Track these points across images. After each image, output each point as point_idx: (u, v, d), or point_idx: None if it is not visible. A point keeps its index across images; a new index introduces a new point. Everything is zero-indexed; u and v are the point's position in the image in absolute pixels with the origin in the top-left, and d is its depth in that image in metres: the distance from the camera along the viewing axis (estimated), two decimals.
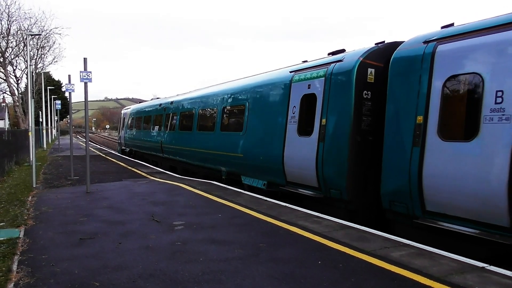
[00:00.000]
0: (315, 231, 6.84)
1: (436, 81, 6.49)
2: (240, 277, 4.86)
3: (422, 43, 6.91)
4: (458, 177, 6.01)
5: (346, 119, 8.16)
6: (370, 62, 8.20)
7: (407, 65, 7.04)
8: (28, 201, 10.07)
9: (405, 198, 6.90)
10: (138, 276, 4.95)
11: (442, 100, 6.37)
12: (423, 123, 6.60)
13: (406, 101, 6.96)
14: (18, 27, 35.23)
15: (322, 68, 9.04)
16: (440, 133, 6.36)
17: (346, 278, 4.79)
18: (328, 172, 8.53)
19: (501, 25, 5.77)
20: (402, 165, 6.89)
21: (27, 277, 4.96)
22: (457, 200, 6.06)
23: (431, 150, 6.43)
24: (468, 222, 5.98)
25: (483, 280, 4.64)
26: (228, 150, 12.62)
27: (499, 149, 5.53)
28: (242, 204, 9.14)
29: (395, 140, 7.13)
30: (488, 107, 5.69)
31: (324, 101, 8.77)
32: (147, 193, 10.94)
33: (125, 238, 6.60)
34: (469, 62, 6.09)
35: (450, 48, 6.41)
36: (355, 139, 8.08)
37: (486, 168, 5.66)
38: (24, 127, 34.01)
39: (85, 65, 11.29)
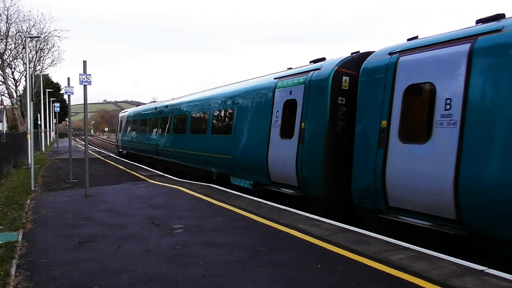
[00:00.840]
0: (315, 234, 6.84)
1: (398, 89, 7.14)
2: (240, 281, 4.85)
3: (387, 54, 7.57)
4: (414, 175, 6.64)
5: (322, 123, 8.76)
6: (344, 70, 8.82)
7: (374, 74, 7.70)
8: (27, 204, 10.04)
9: (372, 195, 7.52)
10: (137, 279, 4.94)
11: (402, 106, 7.04)
12: (386, 127, 7.25)
13: (372, 107, 7.62)
14: (17, 29, 35.30)
15: (303, 76, 9.67)
16: (400, 136, 7.00)
17: (346, 282, 4.78)
18: (306, 172, 9.11)
19: (448, 41, 6.53)
20: (369, 165, 7.51)
21: (26, 281, 4.94)
22: (414, 196, 6.69)
23: (393, 151, 7.08)
24: (424, 216, 6.62)
25: (482, 283, 4.64)
26: (218, 152, 13.22)
27: (447, 150, 6.16)
28: (242, 208, 9.13)
29: (363, 142, 7.76)
30: (439, 113, 6.34)
31: (303, 106, 9.37)
32: (147, 196, 10.92)
33: (125, 242, 6.58)
34: (424, 72, 6.76)
35: (409, 59, 7.06)
36: (331, 141, 8.69)
37: (437, 167, 6.29)
38: (23, 129, 33.97)
39: (84, 67, 11.29)
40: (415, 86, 7.03)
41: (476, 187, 5.74)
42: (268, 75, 11.90)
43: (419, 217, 6.69)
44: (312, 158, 8.96)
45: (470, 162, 5.84)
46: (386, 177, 7.14)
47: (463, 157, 5.93)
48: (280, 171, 10.02)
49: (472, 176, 5.79)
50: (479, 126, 5.81)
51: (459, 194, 5.94)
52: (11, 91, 36.48)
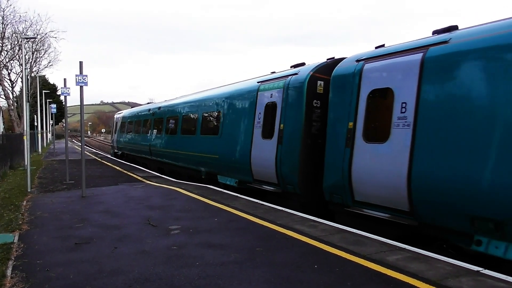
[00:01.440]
0: (312, 235, 6.85)
1: (363, 94, 7.82)
2: (237, 281, 4.86)
3: (355, 61, 8.24)
4: (375, 172, 7.30)
5: (299, 124, 9.39)
6: (319, 75, 9.45)
7: (343, 79, 8.38)
8: (23, 206, 10.01)
9: (340, 190, 8.18)
10: (134, 280, 4.94)
11: (366, 109, 7.73)
12: (352, 128, 7.93)
13: (341, 109, 8.29)
14: (13, 30, 35.20)
15: (282, 80, 10.30)
16: (364, 136, 7.69)
17: (342, 282, 4.79)
18: (284, 170, 9.74)
19: (405, 50, 7.21)
20: (338, 163, 8.17)
21: (22, 283, 4.93)
22: (376, 191, 7.37)
23: (358, 150, 7.76)
24: (384, 209, 7.28)
25: (478, 284, 4.66)
26: (207, 152, 13.87)
27: (402, 149, 6.83)
28: (239, 208, 9.14)
29: (333, 142, 8.43)
30: (396, 116, 7.01)
31: (282, 109, 10.02)
32: (143, 197, 10.91)
33: (121, 243, 6.58)
34: (385, 79, 7.43)
35: (373, 67, 7.74)
36: (306, 142, 9.32)
37: (394, 164, 6.95)
38: (19, 131, 33.85)
39: (80, 68, 11.28)
40: (377, 91, 7.69)
41: (424, 182, 6.43)
42: (252, 79, 12.51)
43: (380, 210, 7.35)
44: (289, 157, 9.58)
45: (420, 160, 6.52)
46: (352, 174, 7.80)
47: (414, 155, 6.61)
48: (262, 170, 10.63)
49: (421, 172, 6.48)
50: (427, 128, 6.48)
51: (411, 189, 6.62)
52: (8, 92, 36.38)
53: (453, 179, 6.00)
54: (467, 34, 6.47)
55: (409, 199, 6.67)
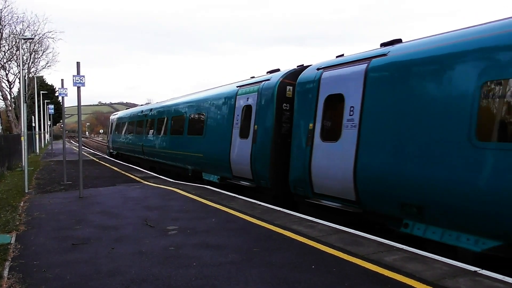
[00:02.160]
0: (309, 235, 6.85)
1: (321, 98, 8.81)
2: (234, 282, 4.85)
3: (316, 69, 9.17)
4: (330, 167, 8.30)
5: (270, 125, 10.35)
6: (288, 81, 10.31)
7: (305, 85, 9.34)
8: (20, 207, 9.99)
9: (302, 184, 9.14)
10: (131, 281, 4.93)
11: (323, 112, 8.73)
12: (312, 128, 8.89)
13: (303, 112, 9.26)
14: (10, 31, 35.14)
15: (257, 85, 11.25)
16: (321, 136, 8.67)
17: (340, 283, 4.79)
18: (258, 167, 10.70)
19: (355, 61, 8.20)
20: (301, 160, 9.13)
21: (18, 283, 4.91)
22: (330, 184, 8.35)
23: (316, 148, 8.75)
24: (336, 199, 8.27)
25: (475, 284, 4.67)
26: (193, 151, 14.91)
27: (350, 147, 7.76)
28: (236, 209, 9.13)
29: (297, 141, 9.38)
30: (346, 118, 7.99)
31: (256, 111, 10.98)
32: (141, 198, 10.90)
33: (118, 243, 6.57)
34: (338, 85, 8.41)
35: (329, 75, 8.72)
36: (276, 141, 10.23)
37: (343, 160, 7.90)
38: (17, 131, 33.78)
39: (78, 69, 11.27)
40: (332, 96, 8.60)
41: (366, 175, 7.43)
42: (232, 83, 13.45)
43: (334, 200, 8.36)
44: (261, 155, 10.54)
45: (363, 156, 7.51)
46: (312, 169, 8.79)
47: (359, 152, 7.60)
48: (239, 167, 11.61)
49: (363, 167, 7.47)
50: (368, 128, 7.53)
51: (356, 181, 7.60)
52: (5, 93, 36.28)
53: (387, 172, 7.05)
54: (401, 48, 7.51)
55: (355, 190, 7.68)
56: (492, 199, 5.48)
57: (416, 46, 7.19)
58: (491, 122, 5.80)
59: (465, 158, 5.85)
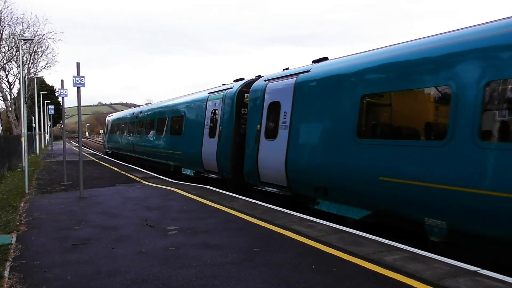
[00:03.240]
0: (309, 235, 6.85)
1: (265, 105, 10.75)
2: (234, 282, 4.85)
3: (264, 81, 11.14)
4: (270, 160, 10.24)
5: (230, 126, 12.32)
6: (246, 89, 12.13)
7: (255, 94, 11.29)
8: (21, 207, 9.99)
9: (252, 174, 11.07)
10: (131, 281, 4.93)
11: (266, 116, 10.68)
12: (259, 129, 10.84)
13: (253, 116, 11.24)
14: (10, 32, 35.13)
15: (222, 92, 13.21)
16: (265, 135, 10.63)
17: (339, 283, 4.80)
18: (221, 161, 12.65)
19: (289, 75, 10.15)
20: (251, 155, 11.05)
21: (19, 284, 4.92)
22: (271, 174, 10.27)
23: (261, 145, 10.68)
24: (276, 186, 10.19)
25: (475, 284, 4.67)
26: (174, 149, 16.83)
27: (283, 144, 9.75)
28: (236, 209, 9.14)
29: (249, 139, 11.31)
30: (281, 121, 9.97)
31: (221, 114, 12.93)
32: (141, 198, 10.90)
33: (119, 244, 6.57)
34: (277, 94, 10.40)
35: (271, 86, 10.70)
36: (236, 140, 12.19)
37: (279, 154, 9.83)
38: (17, 132, 33.76)
39: (78, 70, 11.27)
40: (273, 103, 10.49)
41: (293, 166, 9.43)
42: (205, 90, 15.37)
43: (274, 187, 10.28)
44: (224, 152, 12.46)
45: (291, 151, 9.51)
46: (258, 163, 10.71)
47: (288, 148, 9.57)
48: (208, 162, 13.51)
49: (291, 159, 9.47)
50: (294, 129, 9.50)
51: (287, 170, 9.54)
52: (5, 94, 36.23)
53: (305, 163, 9.05)
54: (319, 66, 9.37)
55: (286, 178, 9.64)
56: (364, 180, 7.44)
57: (327, 65, 9.23)
58: (366, 126, 7.94)
59: (350, 151, 7.82)
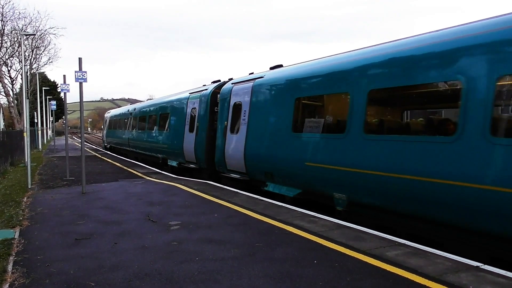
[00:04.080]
0: (311, 230, 6.86)
1: (231, 105, 12.69)
2: (236, 277, 4.87)
3: (231, 84, 13.14)
4: (234, 151, 12.09)
5: (205, 123, 14.36)
6: (219, 91, 14.05)
7: (224, 95, 13.33)
8: (24, 202, 10.03)
9: (221, 163, 13.02)
10: (133, 276, 4.95)
11: (231, 114, 12.59)
12: (226, 125, 12.74)
13: (222, 114, 13.27)
14: (12, 27, 35.10)
15: (199, 93, 15.24)
16: (230, 130, 12.48)
17: (341, 277, 4.80)
18: (198, 153, 14.65)
19: (249, 80, 12.10)
20: (220, 147, 12.97)
21: (23, 278, 4.94)
22: (234, 162, 12.12)
23: (228, 138, 12.57)
24: (238, 172, 12.11)
25: (477, 279, 4.67)
26: (161, 143, 18.90)
27: (243, 137, 11.61)
28: (239, 204, 9.15)
29: (219, 133, 13.27)
30: (242, 118, 11.87)
31: (198, 112, 14.96)
32: (143, 193, 10.92)
33: (121, 238, 6.59)
34: (239, 96, 12.30)
35: (236, 88, 12.64)
36: (210, 134, 14.10)
37: (240, 146, 11.68)
38: (19, 128, 33.81)
39: (80, 65, 11.26)
40: (236, 103, 12.42)
41: (249, 155, 11.26)
42: (186, 91, 17.36)
43: (237, 173, 12.19)
44: (200, 145, 14.48)
45: (248, 143, 11.37)
46: (225, 153, 12.59)
47: (246, 140, 11.44)
48: (188, 154, 15.48)
49: (248, 149, 11.32)
50: (250, 125, 11.41)
51: (245, 159, 11.40)
52: (8, 90, 36.23)
53: (257, 152, 10.95)
54: (270, 73, 11.29)
55: (245, 166, 11.51)
56: (296, 165, 9.34)
57: (275, 73, 11.06)
58: (299, 122, 9.80)
59: (287, 142, 9.72)
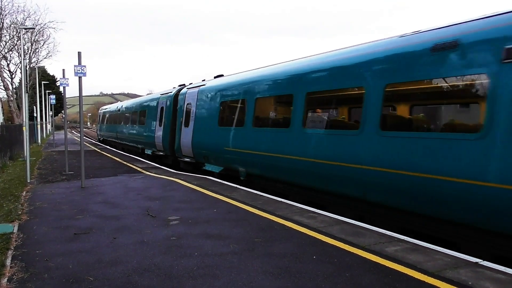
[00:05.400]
0: (311, 226, 6.85)
1: (185, 105, 16.05)
2: (235, 272, 4.86)
3: (186, 88, 16.63)
4: (186, 141, 15.43)
5: (169, 119, 17.75)
6: (179, 93, 17.33)
7: (181, 97, 16.80)
8: (23, 196, 10.02)
9: (179, 150, 16.42)
10: (132, 270, 4.94)
11: (185, 112, 15.97)
12: (182, 121, 16.07)
13: (180, 112, 16.61)
14: (11, 21, 34.96)
15: (167, 95, 18.84)
16: (184, 125, 15.81)
17: (341, 273, 4.80)
18: (164, 143, 18.21)
19: (195, 86, 15.67)
20: (178, 138, 16.40)
21: (21, 272, 4.94)
22: (186, 150, 15.51)
23: (182, 132, 15.89)
24: (188, 157, 15.48)
25: (476, 275, 4.67)
26: (140, 136, 22.72)
27: (191, 130, 14.98)
28: (238, 199, 9.14)
29: (177, 128, 16.58)
30: (191, 115, 15.23)
31: (165, 110, 18.46)
32: (143, 188, 10.91)
33: (120, 233, 6.58)
34: (190, 98, 15.71)
35: (188, 92, 16.03)
36: (173, 128, 17.29)
37: (189, 137, 15.08)
38: (19, 122, 33.75)
39: (79, 59, 11.22)
40: (188, 104, 15.85)
41: (195, 144, 14.58)
42: (158, 92, 21.53)
43: (188, 158, 15.62)
44: (166, 136, 17.95)
45: (194, 135, 14.73)
46: (181, 143, 16.04)
47: (193, 133, 14.82)
48: (158, 144, 19.14)
49: (195, 140, 14.64)
50: (196, 121, 14.76)
51: (193, 147, 14.76)
52: (7, 84, 36.18)
53: (199, 141, 14.35)
54: (210, 82, 14.77)
55: (193, 152, 14.96)
56: (220, 150, 12.62)
57: (212, 81, 14.65)
58: (224, 119, 13.15)
59: (216, 133, 13.09)
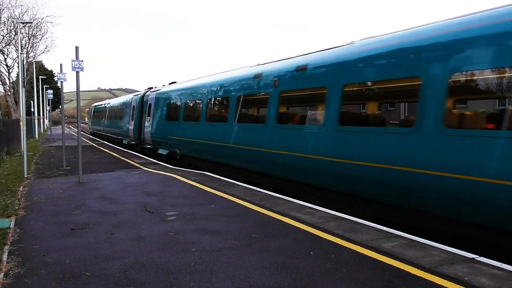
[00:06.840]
0: (308, 222, 6.86)
1: (148, 104, 20.58)
2: (232, 267, 4.87)
3: (150, 92, 21.13)
4: (147, 132, 20.09)
5: (138, 115, 22.15)
6: (145, 95, 21.40)
7: (146, 98, 21.33)
8: (19, 191, 9.99)
9: (143, 139, 21.16)
10: (130, 266, 4.94)
11: (148, 111, 20.45)
12: (146, 117, 20.56)
13: (145, 110, 21.12)
14: (9, 15, 34.78)
15: (137, 96, 23.32)
16: (147, 120, 20.60)
17: (338, 269, 4.81)
18: (135, 134, 22.64)
19: (155, 90, 20.72)
20: (143, 129, 20.96)
21: (18, 267, 4.93)
22: (148, 139, 20.19)
23: (145, 125, 20.58)
24: (149, 145, 20.34)
25: (472, 270, 4.68)
26: (120, 128, 27.33)
27: (151, 124, 19.81)
28: (236, 195, 9.14)
29: (143, 122, 21.17)
30: (152, 113, 20.14)
31: (136, 108, 22.85)
32: (140, 184, 10.90)
33: (117, 229, 6.58)
34: (151, 100, 20.25)
35: (151, 95, 20.58)
36: (141, 123, 21.62)
37: (150, 129, 19.75)
38: (16, 117, 33.64)
39: (77, 54, 11.16)
40: (149, 104, 20.11)
41: (153, 134, 19.14)
42: (130, 94, 27.22)
43: (149, 145, 20.17)
44: (136, 128, 22.24)
45: (152, 128, 19.30)
46: (144, 134, 20.45)
47: (152, 125, 19.37)
48: (131, 135, 23.61)
49: (154, 132, 19.11)
50: (153, 118, 19.35)
51: (151, 136, 19.51)
52: (4, 78, 36.01)
53: (155, 133, 18.72)
54: (164, 88, 19.19)
55: (151, 140, 19.28)
56: (167, 138, 17.08)
57: (165, 88, 18.76)
58: (169, 115, 17.40)
59: (164, 126, 17.41)
